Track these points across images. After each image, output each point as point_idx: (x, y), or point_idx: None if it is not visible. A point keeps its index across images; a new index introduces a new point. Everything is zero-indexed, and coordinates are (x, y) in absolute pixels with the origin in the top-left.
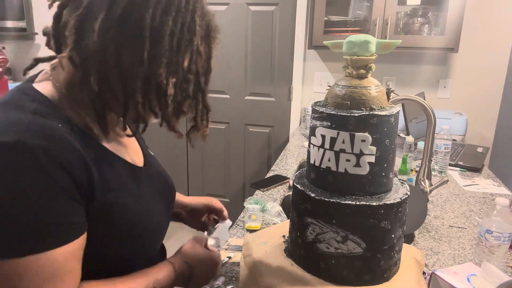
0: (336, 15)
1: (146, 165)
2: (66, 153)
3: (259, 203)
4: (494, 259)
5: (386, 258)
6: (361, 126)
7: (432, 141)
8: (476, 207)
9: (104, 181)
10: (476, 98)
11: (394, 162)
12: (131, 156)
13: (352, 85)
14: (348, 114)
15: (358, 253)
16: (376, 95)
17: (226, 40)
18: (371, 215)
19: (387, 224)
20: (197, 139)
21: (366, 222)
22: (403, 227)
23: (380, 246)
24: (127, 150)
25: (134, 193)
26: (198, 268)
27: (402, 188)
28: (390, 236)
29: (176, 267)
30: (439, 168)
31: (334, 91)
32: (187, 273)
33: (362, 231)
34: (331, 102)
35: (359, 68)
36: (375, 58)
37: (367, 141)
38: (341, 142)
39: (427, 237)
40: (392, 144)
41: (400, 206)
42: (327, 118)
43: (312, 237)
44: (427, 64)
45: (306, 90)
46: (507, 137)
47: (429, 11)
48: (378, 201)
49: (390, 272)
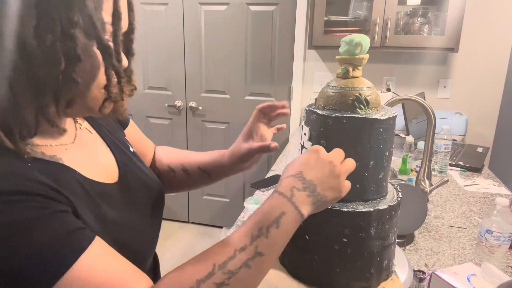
0: (336, 15)
1: (121, 178)
2: (33, 184)
3: (259, 203)
4: (494, 259)
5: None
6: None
7: (432, 141)
8: (476, 207)
9: (77, 205)
10: (476, 98)
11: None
12: (100, 173)
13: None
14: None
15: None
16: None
17: (226, 40)
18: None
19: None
20: (113, 115)
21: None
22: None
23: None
24: (95, 166)
25: (110, 217)
26: (315, 177)
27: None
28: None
29: (282, 191)
30: (439, 168)
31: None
32: (307, 190)
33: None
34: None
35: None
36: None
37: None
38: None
39: (427, 237)
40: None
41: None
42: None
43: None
44: (427, 64)
45: (306, 90)
46: (507, 137)
47: (429, 11)
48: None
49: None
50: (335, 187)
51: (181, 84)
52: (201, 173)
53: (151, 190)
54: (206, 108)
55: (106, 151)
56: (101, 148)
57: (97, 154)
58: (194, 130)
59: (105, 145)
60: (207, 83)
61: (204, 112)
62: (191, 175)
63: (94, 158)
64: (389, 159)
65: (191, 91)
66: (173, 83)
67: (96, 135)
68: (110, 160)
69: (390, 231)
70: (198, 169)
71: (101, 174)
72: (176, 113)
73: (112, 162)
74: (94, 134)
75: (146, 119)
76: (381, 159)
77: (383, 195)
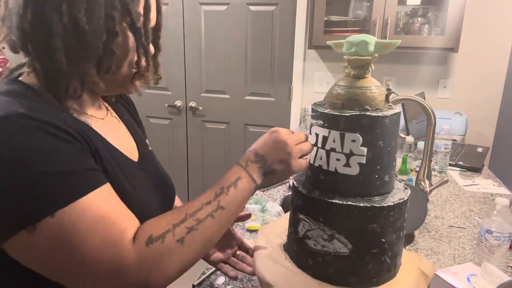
0: (336, 15)
1: (140, 160)
2: (66, 124)
3: (259, 203)
4: (494, 259)
5: (375, 262)
6: (352, 126)
7: (432, 141)
8: (476, 207)
9: (101, 159)
10: (476, 98)
11: (392, 164)
12: (123, 148)
13: (348, 85)
14: (339, 114)
15: (343, 253)
16: (371, 95)
17: (226, 40)
18: (358, 216)
19: (375, 227)
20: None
21: (352, 222)
22: (398, 232)
23: (368, 249)
24: (120, 143)
25: (128, 179)
26: (266, 152)
27: (401, 193)
28: (380, 239)
29: (240, 162)
30: (439, 168)
31: (332, 90)
32: (259, 163)
33: (349, 231)
34: (328, 101)
35: (357, 68)
36: (373, 58)
37: (357, 141)
38: (332, 141)
39: (427, 237)
40: (388, 146)
41: (393, 210)
42: (320, 116)
43: (302, 233)
44: (427, 64)
45: (306, 90)
46: (507, 137)
47: (429, 11)
48: (367, 203)
49: (380, 278)
50: (284, 161)
51: (181, 84)
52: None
53: (165, 182)
54: (206, 108)
55: (130, 137)
56: (125, 133)
57: (122, 136)
58: (194, 130)
59: (130, 134)
60: (207, 83)
61: (204, 112)
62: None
63: (120, 137)
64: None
65: (191, 91)
66: (173, 83)
67: (122, 124)
68: (132, 144)
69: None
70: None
71: (124, 150)
72: (176, 113)
73: (134, 146)
74: (121, 123)
75: (146, 119)
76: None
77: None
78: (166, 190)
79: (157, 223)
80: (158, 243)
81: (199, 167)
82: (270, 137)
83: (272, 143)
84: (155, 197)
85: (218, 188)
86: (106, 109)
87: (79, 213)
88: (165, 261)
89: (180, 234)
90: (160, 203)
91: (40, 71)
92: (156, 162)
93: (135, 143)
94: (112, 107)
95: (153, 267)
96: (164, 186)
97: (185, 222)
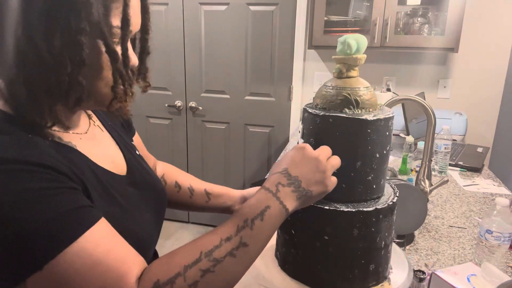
0: (336, 15)
1: (128, 173)
2: (49, 156)
3: None
4: (494, 259)
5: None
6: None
7: (432, 141)
8: (476, 207)
9: (89, 190)
10: (476, 98)
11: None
12: (109, 164)
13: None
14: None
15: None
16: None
17: (226, 40)
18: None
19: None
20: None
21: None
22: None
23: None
24: (106, 159)
25: (118, 203)
26: (300, 172)
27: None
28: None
29: (268, 186)
30: (439, 168)
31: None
32: (292, 185)
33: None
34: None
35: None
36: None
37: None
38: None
39: (427, 237)
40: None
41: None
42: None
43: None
44: (427, 64)
45: (306, 90)
46: (507, 137)
47: (429, 11)
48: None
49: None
50: (320, 181)
51: (181, 84)
52: (203, 196)
53: (155, 189)
54: (206, 108)
55: (115, 148)
56: (111, 144)
57: (108, 148)
58: (194, 130)
59: (115, 143)
60: (207, 83)
61: (204, 112)
62: (194, 196)
63: (105, 151)
64: (382, 161)
65: (191, 91)
66: (173, 83)
67: (107, 133)
68: (119, 156)
69: (378, 234)
70: (204, 191)
71: (111, 166)
72: (176, 113)
73: (121, 158)
74: (105, 132)
75: (146, 119)
76: (370, 161)
77: (373, 197)
78: (157, 200)
79: (166, 265)
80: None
81: (199, 167)
82: (299, 154)
83: (305, 162)
84: (146, 211)
85: (241, 220)
86: (88, 117)
87: (67, 263)
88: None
89: (193, 278)
90: (153, 216)
91: (8, 100)
92: (144, 168)
93: (121, 152)
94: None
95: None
96: (155, 196)
97: (199, 263)
